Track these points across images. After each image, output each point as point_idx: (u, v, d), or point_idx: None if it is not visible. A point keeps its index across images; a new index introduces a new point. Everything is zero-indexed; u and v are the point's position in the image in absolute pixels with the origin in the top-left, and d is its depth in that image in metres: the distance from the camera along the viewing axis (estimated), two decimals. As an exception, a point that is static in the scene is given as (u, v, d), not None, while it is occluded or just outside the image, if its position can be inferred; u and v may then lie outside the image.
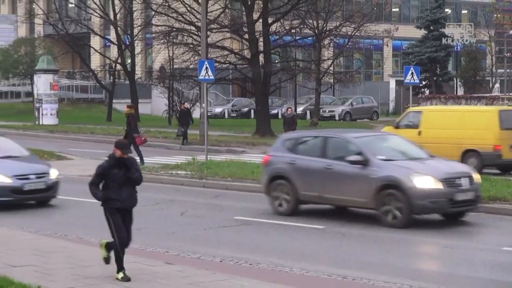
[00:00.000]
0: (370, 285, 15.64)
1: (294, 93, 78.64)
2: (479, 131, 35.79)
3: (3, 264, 16.24)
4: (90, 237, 20.17)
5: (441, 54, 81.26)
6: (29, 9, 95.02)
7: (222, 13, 62.29)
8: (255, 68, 58.94)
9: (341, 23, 69.31)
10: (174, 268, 16.52)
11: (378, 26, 76.30)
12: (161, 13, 64.31)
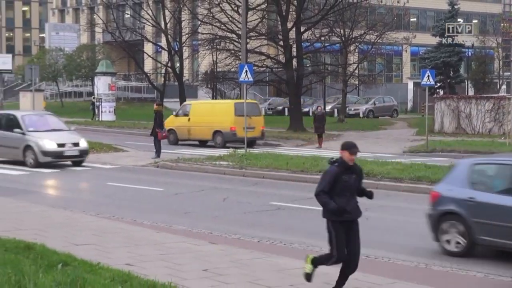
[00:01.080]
0: (390, 263, 15.61)
1: (323, 93, 78.59)
2: (222, 117, 45.39)
3: (68, 242, 16.31)
4: (143, 220, 20.25)
5: (454, 59, 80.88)
6: (90, 19, 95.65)
7: (260, 22, 62.36)
8: (289, 71, 58.89)
9: (365, 32, 69.15)
10: (217, 247, 16.53)
11: (398, 34, 76.07)
12: (206, 23, 64.50)
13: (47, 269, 13.01)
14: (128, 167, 34.80)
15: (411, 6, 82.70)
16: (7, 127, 34.90)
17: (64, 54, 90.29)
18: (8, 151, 34.83)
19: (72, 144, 34.22)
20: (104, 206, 22.98)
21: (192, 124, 46.58)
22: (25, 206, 22.41)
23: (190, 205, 24.05)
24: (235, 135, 44.75)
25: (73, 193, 26.69)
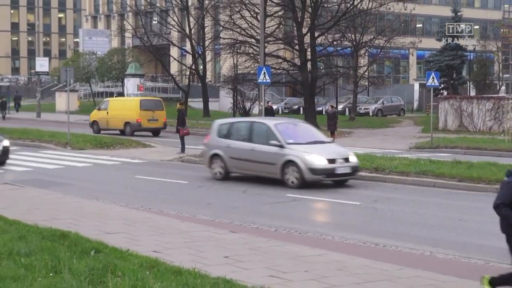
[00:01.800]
0: (397, 251, 15.58)
1: (335, 93, 78.49)
2: (130, 111, 50.61)
3: (100, 231, 16.35)
4: (169, 210, 20.28)
5: (457, 62, 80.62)
6: (120, 25, 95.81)
7: (277, 28, 62.35)
8: (303, 73, 58.88)
9: (374, 36, 69.12)
10: (237, 235, 16.54)
11: (405, 38, 75.96)
12: (228, 28, 64.56)
13: (81, 255, 13.06)
14: (155, 162, 34.86)
15: (417, 13, 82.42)
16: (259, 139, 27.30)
17: (97, 57, 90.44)
18: (261, 167, 26.71)
19: (343, 160, 26.40)
20: (133, 198, 23.03)
21: (109, 117, 51.69)
22: (61, 197, 22.48)
23: (212, 197, 24.08)
24: (140, 125, 50.85)
25: (104, 186, 26.75)
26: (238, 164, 27.32)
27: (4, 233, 14.97)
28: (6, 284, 10.87)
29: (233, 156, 27.15)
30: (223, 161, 27.34)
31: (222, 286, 11.22)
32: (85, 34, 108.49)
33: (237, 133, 28.38)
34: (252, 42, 60.72)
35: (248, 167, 27.07)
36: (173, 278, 11.61)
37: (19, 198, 21.93)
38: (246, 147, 26.87)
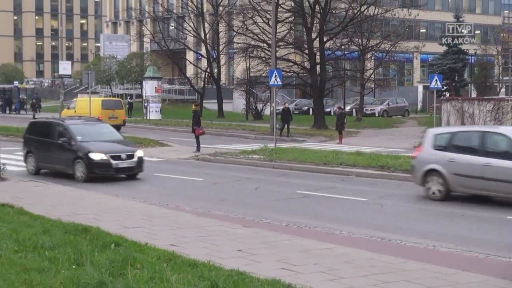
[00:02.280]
0: (402, 245, 15.56)
1: (343, 95, 78.44)
2: (93, 110, 50.05)
3: (120, 226, 16.39)
4: (186, 206, 20.30)
5: (459, 65, 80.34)
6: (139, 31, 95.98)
7: (287, 33, 62.40)
8: (313, 76, 58.85)
9: (380, 41, 69.04)
10: (250, 230, 16.55)
11: (409, 43, 75.97)
12: (241, 33, 64.62)
13: (102, 248, 13.10)
14: (172, 160, 34.90)
15: (420, 19, 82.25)
16: None
17: (117, 61, 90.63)
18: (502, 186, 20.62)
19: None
20: (151, 194, 23.09)
21: (76, 114, 51.08)
22: (83, 194, 22.55)
23: (227, 193, 24.10)
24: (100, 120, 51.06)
25: (123, 183, 26.79)
26: (465, 182, 21.54)
27: (29, 228, 15.03)
28: (31, 276, 10.91)
29: (458, 173, 21.62)
30: (443, 178, 21.79)
31: (236, 278, 11.23)
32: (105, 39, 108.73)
33: (463, 144, 22.49)
34: (264, 46, 60.79)
35: (481, 185, 21.19)
36: (189, 270, 11.64)
37: (44, 194, 22.01)
38: (478, 162, 21.13)
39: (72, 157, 26.84)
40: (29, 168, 28.81)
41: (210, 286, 10.63)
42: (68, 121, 30.06)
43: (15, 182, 24.97)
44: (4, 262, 11.80)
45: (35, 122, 32.46)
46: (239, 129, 54.92)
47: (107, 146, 27.46)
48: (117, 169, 26.93)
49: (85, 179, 26.24)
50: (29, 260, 12.01)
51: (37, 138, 29.16)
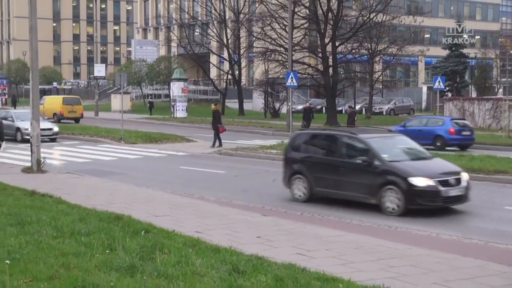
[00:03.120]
0: (407, 232, 15.51)
1: (353, 95, 78.24)
2: (56, 106, 60.80)
3: (149, 214, 16.42)
4: (209, 196, 20.32)
5: (460, 68, 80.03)
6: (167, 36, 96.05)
7: (302, 38, 62.37)
8: (326, 78, 58.80)
9: (387, 45, 68.77)
10: (268, 218, 16.55)
11: (414, 47, 75.57)
12: (260, 39, 64.66)
13: (133, 235, 13.13)
14: (196, 154, 34.95)
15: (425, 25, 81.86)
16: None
17: (146, 64, 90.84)
18: None
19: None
20: (177, 185, 23.11)
21: (44, 109, 56.92)
22: (116, 185, 22.61)
23: (247, 184, 24.11)
24: (63, 115, 60.39)
25: (153, 175, 26.85)
26: None
27: (66, 216, 15.10)
28: (68, 259, 10.95)
29: None
30: None
31: (255, 262, 11.23)
32: (136, 44, 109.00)
33: None
34: (281, 50, 60.83)
35: None
36: (212, 255, 11.66)
37: (80, 185, 22.09)
38: None
39: (378, 182, 18.34)
40: (296, 193, 20.38)
41: (231, 269, 10.64)
42: (362, 135, 20.44)
43: (54, 174, 25.08)
44: (44, 247, 11.85)
45: (303, 133, 23.81)
46: (258, 126, 54.94)
47: (425, 166, 18.96)
48: (446, 198, 18.10)
49: (401, 212, 17.81)
50: (67, 245, 12.05)
51: (311, 155, 20.80)
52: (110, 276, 9.95)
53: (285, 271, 10.68)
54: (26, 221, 14.16)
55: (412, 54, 76.20)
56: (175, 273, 10.25)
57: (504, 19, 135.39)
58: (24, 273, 10.03)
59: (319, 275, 10.53)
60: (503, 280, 11.12)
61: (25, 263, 10.63)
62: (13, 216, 14.77)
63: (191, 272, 10.33)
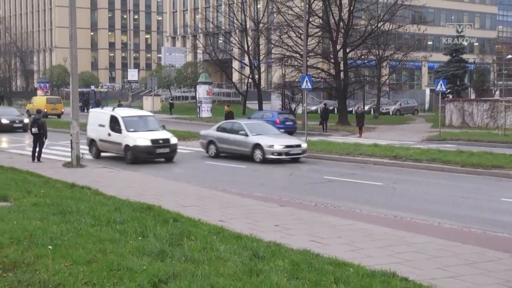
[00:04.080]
0: (412, 222, 15.45)
1: (363, 97, 78.01)
2: (41, 104, 64.72)
3: (178, 205, 16.46)
4: (232, 189, 20.35)
5: (460, 72, 79.57)
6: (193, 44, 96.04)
7: (316, 45, 62.22)
8: (337, 81, 58.65)
9: (394, 52, 68.56)
10: (285, 209, 16.54)
11: (418, 53, 75.33)
12: (277, 46, 64.51)
13: (163, 223, 13.16)
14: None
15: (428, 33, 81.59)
16: None
17: (175, 69, 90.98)
18: None
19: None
20: (203, 179, 23.15)
21: (32, 107, 63.75)
22: (147, 178, 22.69)
23: (265, 178, 24.11)
24: (46, 112, 62.11)
25: (180, 169, 26.91)
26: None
27: (103, 206, 15.16)
28: (105, 245, 11.00)
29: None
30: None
31: (273, 248, 11.23)
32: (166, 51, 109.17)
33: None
34: (297, 56, 60.66)
35: None
36: (235, 242, 11.66)
37: (115, 179, 22.19)
38: None
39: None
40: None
41: (252, 255, 10.64)
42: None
43: (92, 169, 25.21)
44: (83, 234, 11.91)
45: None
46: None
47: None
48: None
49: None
50: (103, 233, 12.10)
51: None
52: (142, 261, 9.98)
53: (300, 256, 10.68)
54: (67, 211, 14.24)
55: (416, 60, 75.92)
56: (201, 258, 10.27)
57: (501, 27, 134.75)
58: (65, 258, 10.09)
59: (332, 260, 10.52)
60: (500, 266, 11.06)
61: (66, 248, 10.69)
62: (55, 206, 14.86)
63: (215, 257, 10.35)
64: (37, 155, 27.86)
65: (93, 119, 31.28)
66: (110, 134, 29.15)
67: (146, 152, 28.06)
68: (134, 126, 29.10)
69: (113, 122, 29.18)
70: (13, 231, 11.90)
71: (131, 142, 27.87)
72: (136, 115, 31.05)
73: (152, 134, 28.67)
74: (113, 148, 29.22)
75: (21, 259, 9.94)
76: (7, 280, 8.93)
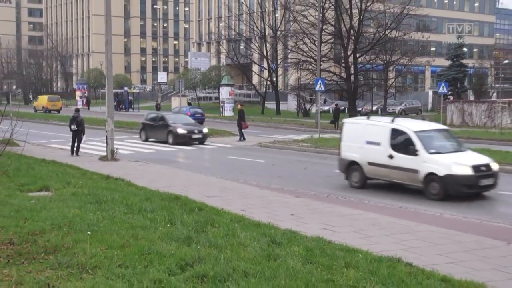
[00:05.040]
0: (416, 212, 15.38)
1: (371, 98, 77.71)
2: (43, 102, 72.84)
3: (202, 195, 16.48)
4: (251, 181, 20.35)
5: (460, 75, 78.96)
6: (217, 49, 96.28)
7: (329, 51, 62.14)
8: (348, 83, 58.48)
9: (400, 57, 68.22)
10: (300, 199, 16.52)
11: (422, 58, 74.94)
12: (294, 51, 64.52)
13: (189, 212, 13.20)
14: (241, 146, 34.99)
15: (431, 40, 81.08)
16: None
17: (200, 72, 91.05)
18: None
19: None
20: (225, 172, 23.17)
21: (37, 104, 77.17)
22: (175, 171, 22.74)
23: (282, 171, 24.08)
24: (48, 108, 70.70)
25: (205, 163, 26.94)
26: None
27: (135, 196, 15.23)
28: (137, 231, 11.05)
29: None
30: None
31: (289, 235, 11.23)
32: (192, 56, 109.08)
33: None
34: (311, 61, 60.59)
35: None
36: (254, 229, 11.67)
37: (146, 171, 22.26)
38: None
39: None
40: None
41: (270, 241, 10.65)
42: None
43: (125, 162, 25.30)
44: (117, 221, 11.97)
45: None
46: (291, 123, 54.84)
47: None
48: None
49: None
50: (135, 220, 12.16)
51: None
52: (170, 245, 10.02)
53: (314, 243, 10.67)
54: (103, 200, 14.32)
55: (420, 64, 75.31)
56: (223, 243, 10.28)
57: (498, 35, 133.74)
58: (101, 242, 10.15)
59: (342, 247, 10.51)
60: (496, 253, 10.99)
61: (102, 234, 10.75)
62: (92, 196, 14.95)
63: (236, 243, 10.36)
64: (76, 149, 28.05)
65: (353, 133, 20.95)
66: (392, 156, 18.61)
67: (466, 184, 17.55)
68: (434, 145, 18.71)
69: (398, 139, 18.78)
70: (54, 218, 11.99)
71: (442, 170, 17.49)
72: (432, 128, 19.99)
73: (467, 157, 18.48)
74: (398, 176, 18.69)
75: (61, 243, 10.01)
76: (48, 262, 9.01)
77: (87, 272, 8.58)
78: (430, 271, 9.19)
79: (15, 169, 19.52)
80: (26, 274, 8.42)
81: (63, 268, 8.70)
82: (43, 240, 10.24)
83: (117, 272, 8.51)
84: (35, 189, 16.35)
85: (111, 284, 7.99)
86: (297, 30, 63.22)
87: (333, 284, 8.27)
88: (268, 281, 8.24)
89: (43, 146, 32.23)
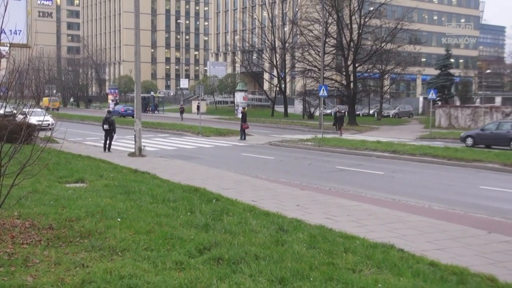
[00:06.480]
0: (407, 204, 15.31)
1: (368, 103, 77.50)
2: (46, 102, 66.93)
3: (219, 187, 16.49)
4: (262, 175, 20.31)
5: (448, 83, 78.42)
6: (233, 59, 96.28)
7: (331, 61, 62.03)
8: (348, 90, 58.42)
9: (394, 67, 68.09)
10: (304, 192, 16.48)
11: (414, 68, 74.80)
12: (300, 61, 64.56)
13: (207, 202, 13.20)
14: (253, 144, 34.99)
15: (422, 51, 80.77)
16: None
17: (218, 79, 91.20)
18: None
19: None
20: (239, 167, 23.17)
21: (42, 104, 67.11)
22: (195, 166, 22.75)
23: (289, 167, 24.06)
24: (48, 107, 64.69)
25: (221, 159, 26.94)
26: None
27: (159, 188, 15.25)
28: (161, 219, 11.06)
29: None
30: None
31: (295, 223, 11.21)
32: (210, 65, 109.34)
33: None
34: (315, 70, 60.56)
35: None
36: (264, 218, 11.66)
37: (169, 166, 22.29)
38: None
39: None
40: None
41: (278, 228, 10.63)
42: None
43: (151, 158, 25.36)
44: (144, 210, 11.99)
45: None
46: (298, 125, 54.84)
47: None
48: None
49: None
50: (160, 209, 12.17)
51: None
52: (190, 232, 10.02)
53: (317, 230, 10.64)
54: (131, 191, 14.35)
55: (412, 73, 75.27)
56: (237, 230, 10.28)
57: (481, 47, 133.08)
58: (129, 228, 10.17)
59: (342, 234, 10.48)
60: (478, 240, 10.92)
61: (130, 221, 10.77)
62: (122, 187, 14.98)
63: (249, 230, 10.35)
64: (108, 146, 28.15)
65: None
66: None
67: None
68: None
69: None
70: (88, 207, 12.03)
71: None
72: None
73: None
74: None
75: (95, 228, 10.04)
76: (83, 245, 9.04)
77: (117, 254, 8.60)
78: (419, 256, 9.15)
79: (54, 163, 19.61)
80: (64, 256, 8.45)
81: (96, 251, 8.73)
82: (79, 225, 10.27)
83: (143, 255, 8.54)
84: (72, 181, 16.41)
85: (138, 265, 8.01)
86: (303, 42, 63.21)
87: (334, 267, 8.26)
88: (276, 263, 8.24)
89: (79, 143, 32.36)
